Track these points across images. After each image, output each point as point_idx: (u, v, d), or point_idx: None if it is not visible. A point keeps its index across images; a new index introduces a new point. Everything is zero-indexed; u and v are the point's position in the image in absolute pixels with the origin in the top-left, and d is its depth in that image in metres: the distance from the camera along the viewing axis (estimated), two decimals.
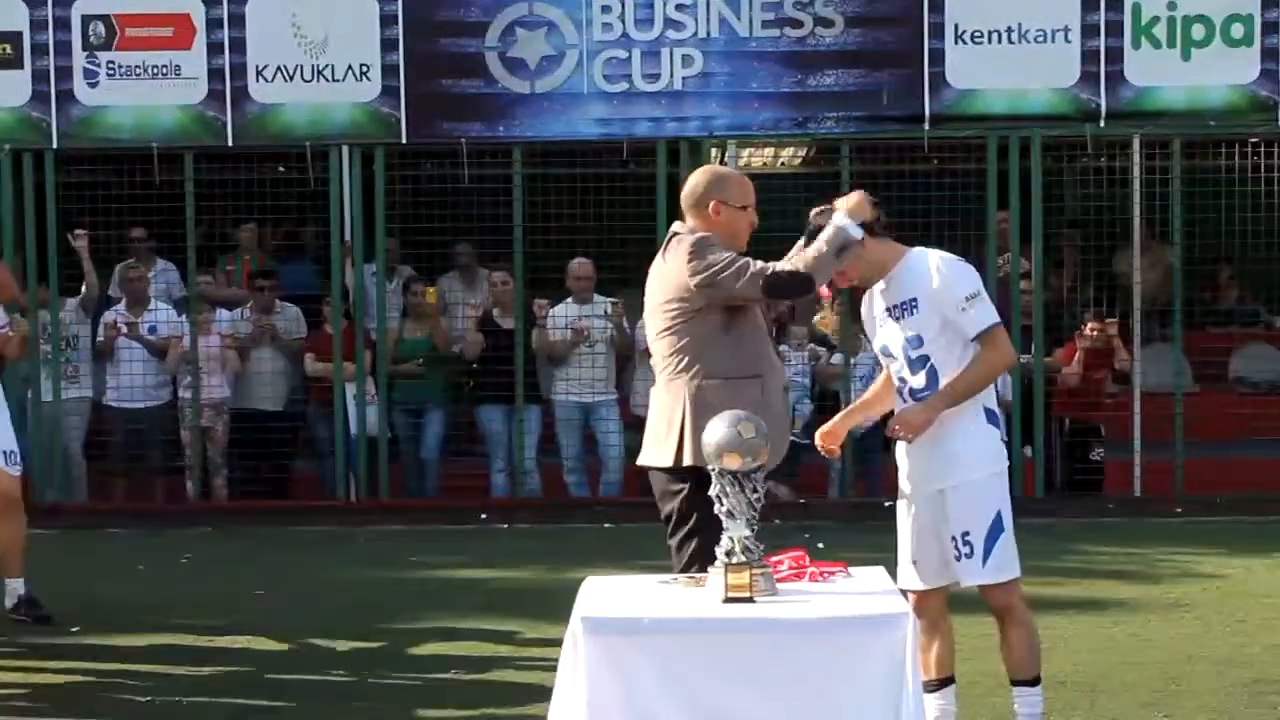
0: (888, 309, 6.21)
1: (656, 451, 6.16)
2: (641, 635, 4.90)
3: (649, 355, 6.53)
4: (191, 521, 12.63)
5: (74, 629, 8.88)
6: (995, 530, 6.07)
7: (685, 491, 6.02)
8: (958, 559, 6.09)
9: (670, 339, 6.13)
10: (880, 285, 6.23)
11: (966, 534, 6.06)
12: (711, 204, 6.18)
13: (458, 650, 8.41)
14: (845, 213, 6.11)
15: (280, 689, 7.75)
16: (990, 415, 6.17)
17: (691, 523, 5.98)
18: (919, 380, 6.14)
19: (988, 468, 6.13)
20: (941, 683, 6.27)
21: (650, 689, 4.82)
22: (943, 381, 6.07)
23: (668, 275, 6.15)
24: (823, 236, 6.09)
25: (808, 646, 4.85)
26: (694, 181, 6.31)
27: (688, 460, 5.99)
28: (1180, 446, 13.11)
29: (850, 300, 10.12)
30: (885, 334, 6.23)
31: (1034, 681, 6.20)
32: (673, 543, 6.10)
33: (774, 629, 4.90)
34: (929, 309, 6.06)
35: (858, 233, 6.06)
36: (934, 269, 6.10)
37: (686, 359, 6.09)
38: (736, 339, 6.09)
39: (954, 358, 6.08)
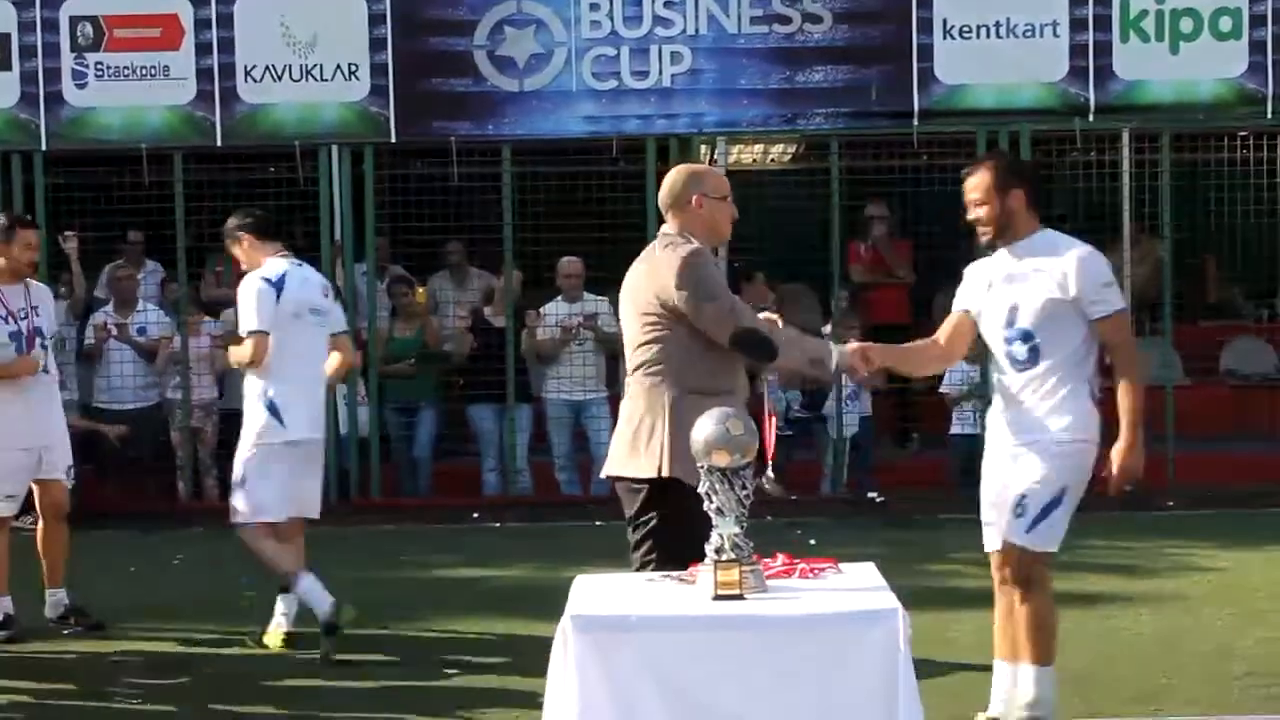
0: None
1: (632, 463, 6.08)
2: (631, 633, 4.89)
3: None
4: (183, 522, 12.62)
5: (65, 631, 8.88)
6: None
7: (659, 507, 5.97)
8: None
9: (648, 344, 6.10)
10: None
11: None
12: (694, 198, 6.18)
13: (450, 649, 8.42)
14: (841, 355, 6.25)
15: (272, 690, 7.75)
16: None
17: (656, 540, 5.94)
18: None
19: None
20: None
21: (640, 687, 4.82)
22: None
23: (654, 278, 6.10)
24: (812, 347, 6.29)
25: (798, 643, 4.85)
26: (671, 181, 6.31)
27: (666, 472, 5.94)
28: (1171, 440, 13.11)
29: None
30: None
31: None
32: (636, 556, 6.06)
33: (764, 626, 4.89)
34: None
35: (828, 376, 6.23)
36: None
37: (663, 368, 6.06)
38: (713, 351, 6.05)
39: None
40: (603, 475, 6.38)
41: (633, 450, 6.08)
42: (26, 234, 8.94)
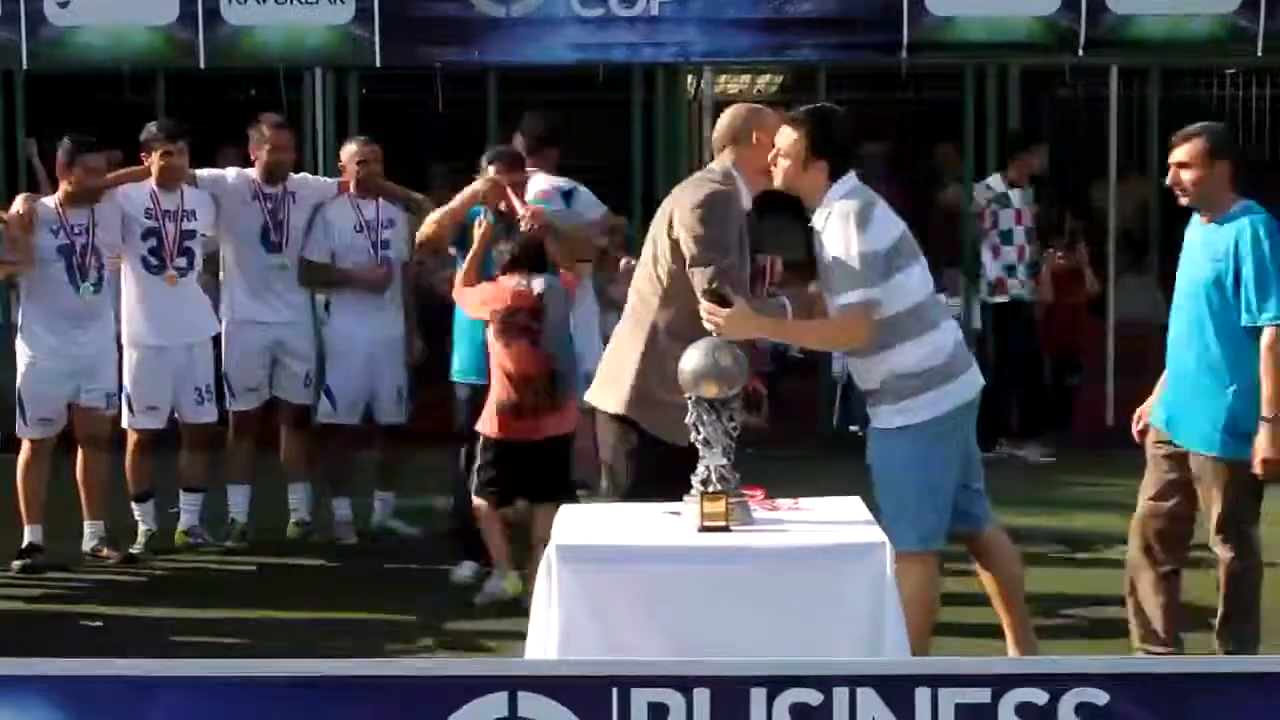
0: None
1: (603, 394, 6.14)
2: (616, 564, 4.87)
3: None
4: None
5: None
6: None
7: (624, 443, 6.01)
8: None
9: (653, 275, 6.11)
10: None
11: None
12: (755, 135, 6.08)
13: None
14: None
15: (290, 622, 7.81)
16: None
17: (623, 478, 5.97)
18: None
19: None
20: None
21: (625, 618, 4.81)
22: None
23: (670, 211, 6.11)
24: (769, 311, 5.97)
25: (784, 575, 4.83)
26: (732, 114, 6.24)
27: (624, 410, 5.99)
28: (1156, 377, 13.05)
29: None
30: None
31: None
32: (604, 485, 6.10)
33: (750, 558, 4.88)
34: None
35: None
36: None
37: (656, 301, 6.06)
38: None
39: None
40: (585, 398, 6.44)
41: (605, 379, 6.14)
42: (87, 159, 9.00)
